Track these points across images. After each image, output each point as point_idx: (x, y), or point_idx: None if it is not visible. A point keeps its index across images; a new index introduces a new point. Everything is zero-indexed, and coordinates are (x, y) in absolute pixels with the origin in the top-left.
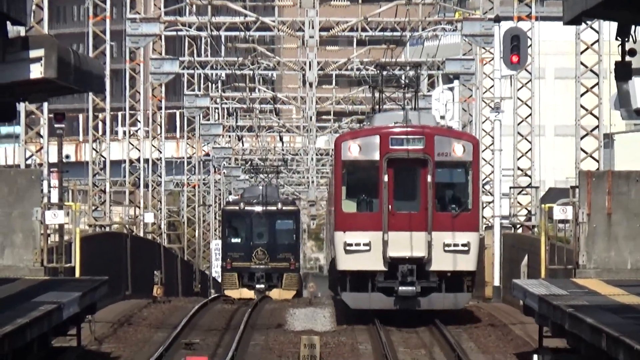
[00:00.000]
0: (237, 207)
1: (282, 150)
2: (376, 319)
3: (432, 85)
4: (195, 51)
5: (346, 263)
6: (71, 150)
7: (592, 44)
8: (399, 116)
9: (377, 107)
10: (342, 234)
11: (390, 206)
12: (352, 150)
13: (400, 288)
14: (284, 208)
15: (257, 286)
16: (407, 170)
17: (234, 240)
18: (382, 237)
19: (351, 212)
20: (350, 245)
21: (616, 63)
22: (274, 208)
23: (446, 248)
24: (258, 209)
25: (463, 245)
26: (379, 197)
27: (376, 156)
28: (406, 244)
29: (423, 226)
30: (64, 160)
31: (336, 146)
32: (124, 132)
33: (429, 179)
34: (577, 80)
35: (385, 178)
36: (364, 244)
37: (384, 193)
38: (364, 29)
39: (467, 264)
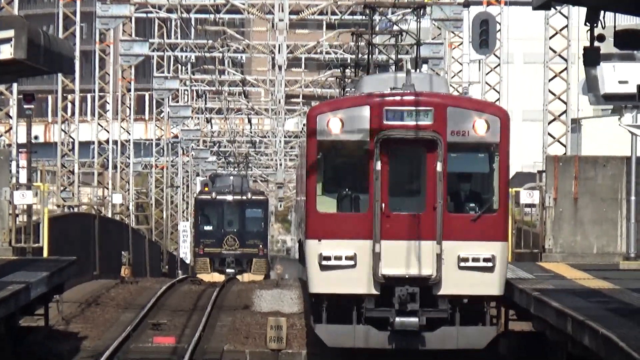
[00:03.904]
0: (209, 197)
1: (251, 132)
2: None
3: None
4: (165, 33)
5: (322, 284)
6: (40, 131)
7: (561, 30)
8: (397, 79)
9: (367, 67)
10: (317, 243)
11: (384, 205)
12: (332, 127)
13: (397, 319)
14: (253, 198)
15: (228, 270)
16: (408, 154)
17: (206, 227)
18: (372, 248)
19: (329, 212)
20: (328, 259)
21: (585, 48)
22: (243, 198)
23: (462, 264)
24: (229, 198)
25: (485, 259)
26: (369, 192)
27: (365, 135)
28: (406, 258)
29: (430, 233)
30: (33, 141)
31: (310, 121)
32: (93, 114)
33: (439, 167)
34: (546, 65)
35: (378, 166)
36: (347, 258)
37: (376, 186)
38: (333, 12)
39: (490, 286)
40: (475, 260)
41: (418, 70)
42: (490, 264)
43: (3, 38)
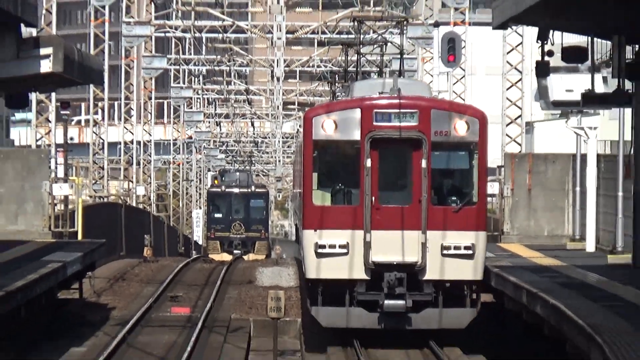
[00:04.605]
0: (219, 189)
1: (254, 134)
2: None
3: None
4: (180, 50)
5: (317, 270)
6: (75, 133)
7: (517, 46)
8: (384, 84)
9: (356, 73)
10: (313, 233)
11: (374, 198)
12: (326, 128)
13: (386, 302)
14: (256, 190)
15: (235, 251)
16: (395, 152)
17: (216, 215)
18: (363, 238)
19: (324, 205)
20: (323, 247)
21: (537, 62)
22: (248, 190)
23: (444, 251)
24: (236, 190)
25: (466, 247)
26: (360, 187)
27: (356, 135)
28: (394, 247)
29: (416, 224)
30: (69, 141)
31: (306, 122)
32: (120, 118)
33: (424, 164)
34: (504, 76)
35: (368, 163)
36: (341, 246)
37: (367, 181)
38: (323, 32)
39: (470, 271)
40: (456, 248)
41: (402, 76)
42: (470, 252)
43: (43, 54)
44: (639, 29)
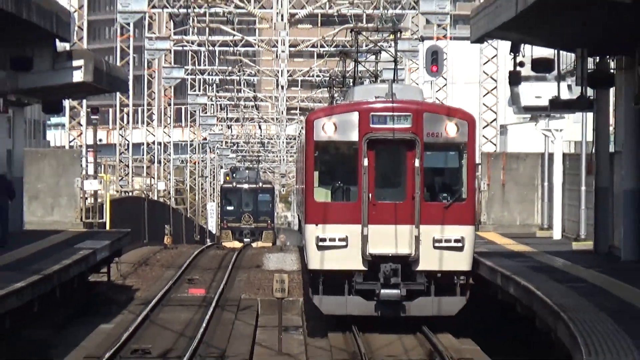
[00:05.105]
0: (231, 185)
1: (261, 136)
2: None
3: None
4: (196, 61)
5: (319, 261)
6: (103, 135)
7: (492, 58)
8: (380, 89)
9: (353, 79)
10: (314, 227)
11: (370, 195)
12: (327, 130)
13: (382, 291)
14: (263, 186)
15: (245, 240)
16: (391, 152)
17: (228, 207)
18: (361, 232)
19: (325, 201)
20: (324, 240)
21: (510, 72)
22: (256, 186)
23: (436, 244)
24: (245, 186)
25: (456, 240)
26: (358, 185)
27: (354, 136)
28: (389, 240)
29: (409, 218)
30: (98, 142)
31: (308, 124)
32: (143, 122)
33: (417, 163)
34: (480, 84)
35: (365, 162)
36: (340, 239)
37: (364, 179)
38: (322, 46)
39: (460, 262)
40: (447, 241)
41: (397, 82)
42: (460, 244)
43: (76, 66)
44: (598, 43)
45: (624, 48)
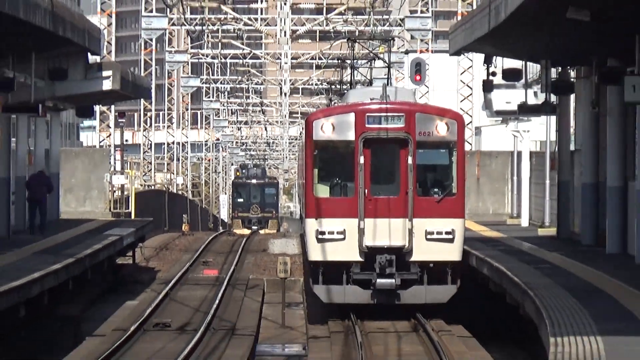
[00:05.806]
0: (241, 180)
1: (266, 136)
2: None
3: None
4: (210, 72)
5: (318, 253)
6: (129, 136)
7: (468, 68)
8: (375, 92)
9: (350, 83)
10: (314, 221)
11: (366, 191)
12: (325, 129)
13: (378, 280)
14: (269, 181)
15: (253, 227)
16: (385, 151)
17: (239, 199)
18: (357, 225)
19: (324, 197)
20: (323, 233)
21: (483, 80)
22: (263, 181)
23: (428, 236)
24: (254, 181)
25: (447, 233)
26: (355, 181)
27: (351, 136)
28: (384, 232)
29: (403, 212)
30: (124, 142)
31: (307, 125)
32: (163, 125)
33: (410, 160)
34: (458, 91)
35: (361, 160)
36: (338, 232)
37: (360, 176)
38: (320, 58)
39: (451, 253)
40: (439, 233)
41: (390, 85)
42: (451, 236)
43: (105, 76)
44: (560, 55)
45: (583, 59)
